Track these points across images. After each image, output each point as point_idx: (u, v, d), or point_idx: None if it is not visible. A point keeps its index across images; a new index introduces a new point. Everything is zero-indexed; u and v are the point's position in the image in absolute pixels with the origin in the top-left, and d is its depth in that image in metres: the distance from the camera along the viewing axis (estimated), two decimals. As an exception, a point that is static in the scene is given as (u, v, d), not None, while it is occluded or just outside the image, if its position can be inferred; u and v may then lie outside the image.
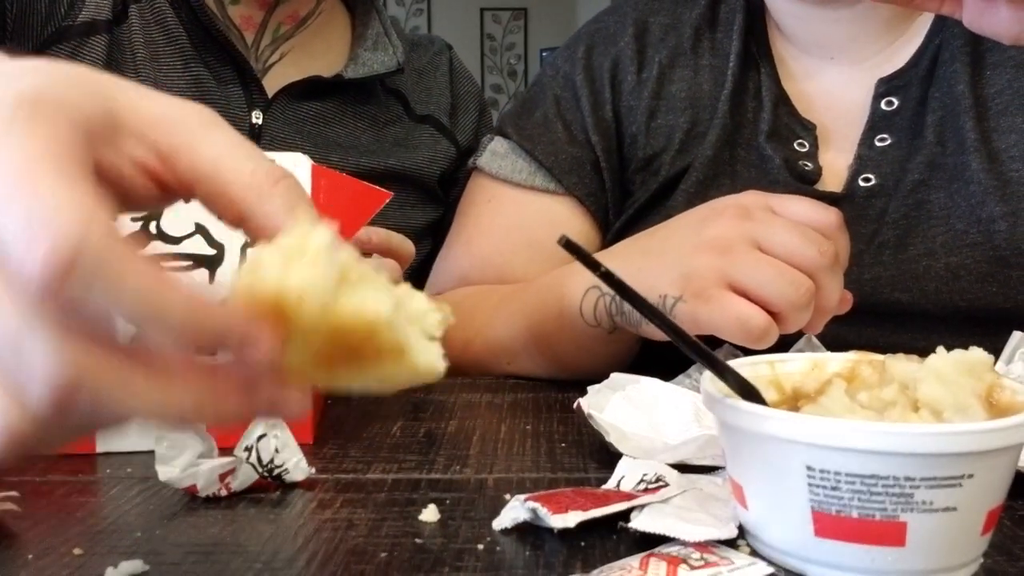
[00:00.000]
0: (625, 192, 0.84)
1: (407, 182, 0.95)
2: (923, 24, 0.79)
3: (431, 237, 1.00)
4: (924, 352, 0.42)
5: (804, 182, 0.76)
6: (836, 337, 0.61)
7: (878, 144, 0.77)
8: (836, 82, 0.81)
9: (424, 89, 1.02)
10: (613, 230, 0.83)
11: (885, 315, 0.72)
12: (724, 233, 0.56)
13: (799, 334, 0.59)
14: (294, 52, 0.94)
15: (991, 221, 0.70)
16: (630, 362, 0.71)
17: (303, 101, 0.91)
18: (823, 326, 0.58)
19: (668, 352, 0.57)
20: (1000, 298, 0.70)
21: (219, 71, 0.88)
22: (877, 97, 0.78)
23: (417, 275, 1.00)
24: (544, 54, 5.50)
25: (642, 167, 0.83)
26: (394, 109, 0.99)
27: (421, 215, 0.97)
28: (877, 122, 0.77)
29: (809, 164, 0.77)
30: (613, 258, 0.63)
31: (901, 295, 0.71)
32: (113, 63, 0.85)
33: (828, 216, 0.57)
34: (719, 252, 0.56)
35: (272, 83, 0.91)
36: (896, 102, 0.77)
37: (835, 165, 0.78)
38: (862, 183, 0.76)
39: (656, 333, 0.61)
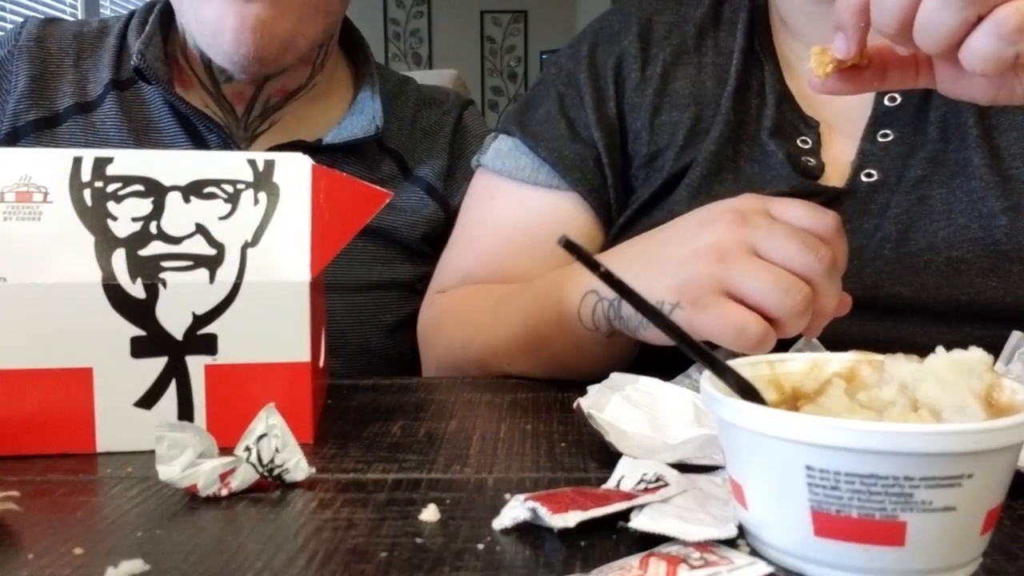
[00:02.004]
0: (628, 189, 0.84)
1: (391, 240, 0.95)
2: None
3: (421, 289, 0.99)
4: (924, 347, 0.42)
5: (807, 177, 0.77)
6: (837, 332, 0.61)
7: (880, 139, 0.77)
8: None
9: (425, 149, 1.02)
10: (616, 226, 0.83)
11: (886, 309, 0.72)
12: (720, 239, 0.56)
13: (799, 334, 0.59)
14: (285, 120, 0.96)
15: (992, 216, 0.71)
16: (629, 363, 0.71)
17: None
18: (821, 329, 0.58)
19: (668, 353, 0.57)
20: (1000, 293, 0.70)
21: (204, 142, 0.91)
22: (880, 92, 0.78)
23: (410, 327, 0.99)
24: (544, 56, 5.51)
25: (645, 163, 0.83)
26: (387, 168, 0.98)
27: (408, 270, 0.97)
28: (880, 117, 0.78)
29: (812, 160, 0.78)
30: (609, 262, 0.63)
31: (902, 289, 0.72)
32: (84, 147, 0.90)
33: (826, 220, 0.57)
34: (716, 259, 0.56)
35: (260, 148, 0.93)
36: (899, 97, 0.78)
37: (838, 161, 0.78)
38: (864, 178, 0.76)
39: (654, 338, 0.61)
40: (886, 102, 0.78)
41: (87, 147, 0.88)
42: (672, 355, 0.56)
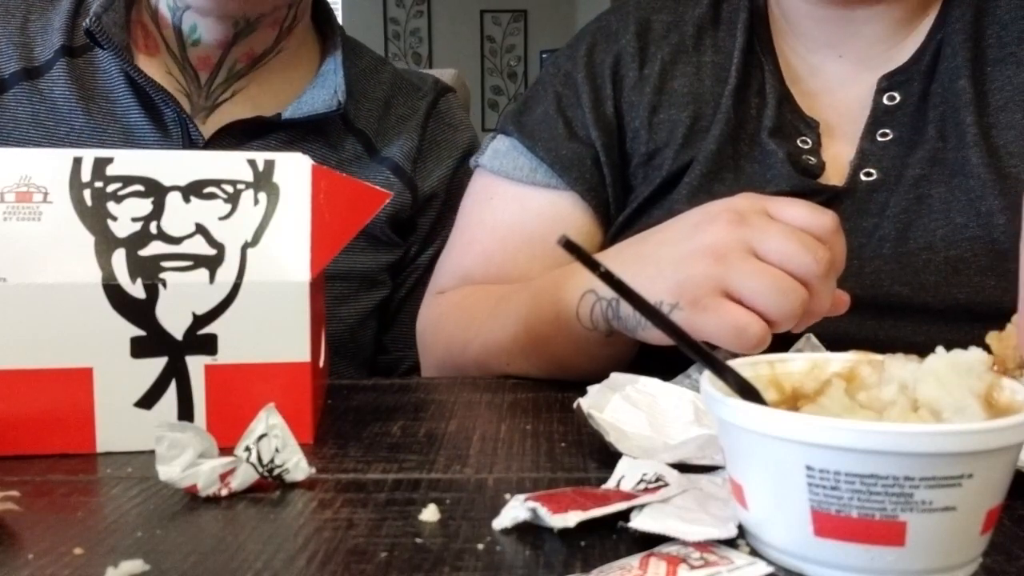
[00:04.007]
0: (627, 187, 0.84)
1: None
2: (927, 21, 0.80)
3: (389, 279, 0.99)
4: (924, 346, 0.42)
5: (807, 177, 0.77)
6: (836, 331, 0.61)
7: (880, 139, 0.77)
8: (839, 78, 0.82)
9: (397, 132, 0.99)
10: (616, 225, 0.83)
11: (885, 309, 0.72)
12: (719, 239, 0.56)
13: (799, 333, 0.59)
14: (248, 89, 0.94)
15: (990, 215, 0.71)
16: (629, 363, 0.71)
17: (245, 141, 0.91)
18: (808, 325, 0.58)
19: (667, 353, 0.57)
20: (999, 292, 0.70)
21: (160, 114, 0.89)
22: (879, 92, 0.78)
23: (379, 316, 0.98)
24: (544, 56, 5.51)
25: (644, 162, 0.83)
26: (351, 148, 0.96)
27: (371, 259, 0.95)
28: (879, 116, 0.78)
29: (812, 159, 0.78)
30: (607, 262, 0.63)
31: (901, 288, 0.72)
32: (31, 115, 0.88)
33: (824, 220, 0.57)
34: (714, 259, 0.56)
35: (219, 120, 0.91)
36: (898, 97, 0.78)
37: (838, 160, 0.78)
38: (864, 177, 0.76)
39: (652, 337, 0.61)
40: (885, 101, 0.78)
41: (33, 115, 0.87)
42: (672, 355, 0.56)
